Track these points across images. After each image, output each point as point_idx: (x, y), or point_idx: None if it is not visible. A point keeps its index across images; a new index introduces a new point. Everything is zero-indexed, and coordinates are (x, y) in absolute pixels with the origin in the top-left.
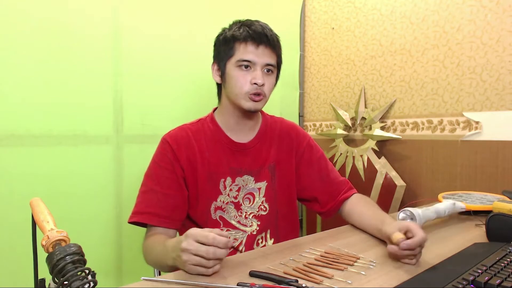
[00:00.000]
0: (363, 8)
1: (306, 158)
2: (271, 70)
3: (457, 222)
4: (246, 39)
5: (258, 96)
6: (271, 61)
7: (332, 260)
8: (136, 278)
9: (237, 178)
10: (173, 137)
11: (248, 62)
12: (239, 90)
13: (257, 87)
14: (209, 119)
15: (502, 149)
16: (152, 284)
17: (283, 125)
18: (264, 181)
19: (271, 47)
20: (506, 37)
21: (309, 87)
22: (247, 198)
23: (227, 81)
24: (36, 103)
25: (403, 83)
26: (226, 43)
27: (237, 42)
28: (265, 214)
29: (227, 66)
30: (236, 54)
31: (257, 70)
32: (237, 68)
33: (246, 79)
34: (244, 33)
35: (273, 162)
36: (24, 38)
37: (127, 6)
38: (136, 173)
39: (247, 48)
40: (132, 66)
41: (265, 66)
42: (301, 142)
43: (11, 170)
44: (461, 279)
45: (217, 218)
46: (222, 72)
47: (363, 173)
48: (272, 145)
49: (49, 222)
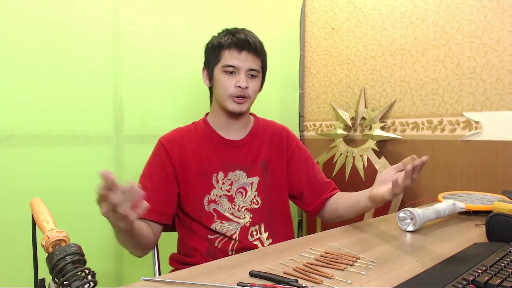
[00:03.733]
0: (363, 8)
1: (295, 158)
2: (255, 74)
3: (457, 222)
4: (230, 46)
5: (242, 98)
6: (254, 66)
7: (332, 260)
8: (136, 278)
9: (229, 173)
10: (166, 139)
11: (233, 67)
12: (224, 92)
13: (240, 90)
14: (202, 122)
15: (502, 149)
16: (151, 284)
17: (274, 126)
18: (256, 176)
19: (254, 52)
20: (506, 37)
21: (309, 87)
22: (239, 192)
23: (214, 85)
24: (36, 103)
25: (403, 83)
26: (213, 50)
27: (222, 49)
28: (257, 208)
29: (215, 71)
30: (222, 60)
31: (241, 74)
32: (223, 73)
33: (230, 82)
34: (229, 41)
35: (264, 159)
36: (24, 38)
37: (127, 6)
38: (136, 173)
39: (231, 54)
40: (132, 66)
41: (249, 71)
42: (291, 142)
43: (11, 170)
44: (461, 279)
45: (211, 210)
46: (210, 77)
47: (363, 173)
48: (263, 143)
49: (49, 222)
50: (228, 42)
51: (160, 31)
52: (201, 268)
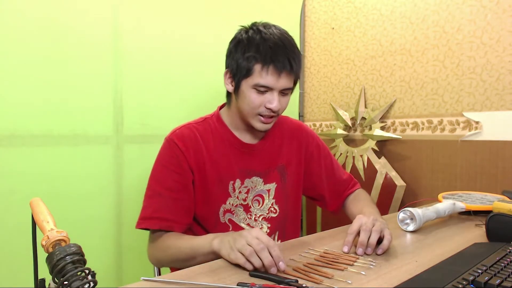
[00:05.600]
0: (363, 8)
1: (315, 158)
2: (287, 92)
3: (457, 222)
4: (268, 65)
5: (270, 118)
6: (290, 85)
7: (332, 260)
8: (136, 278)
9: (246, 180)
10: (180, 137)
11: (266, 88)
12: (251, 110)
13: (271, 111)
14: (216, 118)
15: (502, 149)
16: (151, 284)
17: (291, 125)
18: (273, 182)
19: (293, 74)
20: (506, 37)
21: (309, 87)
22: (256, 200)
23: (240, 96)
24: (36, 103)
25: (403, 83)
26: (245, 60)
27: (257, 64)
28: (275, 216)
29: (242, 83)
30: (254, 76)
31: (274, 95)
32: (253, 90)
33: (260, 101)
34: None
35: (282, 163)
36: (24, 38)
37: (127, 6)
38: (136, 173)
39: (266, 74)
40: (132, 66)
41: (283, 90)
42: (311, 142)
43: (11, 170)
44: (461, 279)
45: (226, 221)
46: (236, 87)
47: (363, 173)
48: (281, 146)
49: (49, 222)
50: (266, 58)
51: (160, 31)
52: (201, 268)
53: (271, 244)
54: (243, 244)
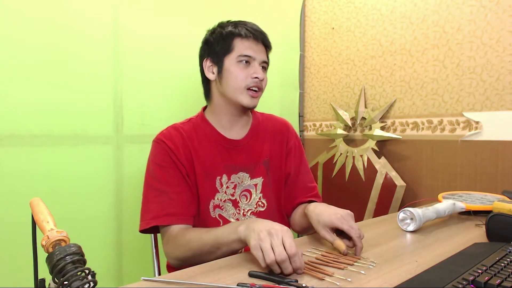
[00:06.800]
0: (363, 8)
1: (291, 155)
2: (266, 67)
3: (457, 222)
4: (247, 36)
5: (258, 91)
6: (266, 59)
7: (332, 260)
8: (136, 278)
9: (232, 176)
10: (167, 136)
11: (248, 57)
12: (239, 84)
13: (257, 81)
14: (200, 119)
15: (502, 149)
16: (151, 284)
17: (275, 122)
18: (260, 177)
19: (266, 45)
20: (506, 37)
21: (309, 87)
22: (243, 195)
23: (224, 76)
24: (36, 103)
25: (403, 83)
26: (224, 39)
27: (236, 39)
28: (263, 210)
29: (225, 61)
30: (236, 49)
31: (256, 66)
32: (237, 63)
33: (246, 73)
34: (244, 30)
35: (266, 158)
36: (24, 38)
37: (127, 6)
38: (136, 173)
39: (247, 44)
40: (132, 66)
41: (262, 63)
42: (291, 139)
43: (11, 170)
44: (461, 279)
45: (216, 216)
46: (219, 69)
47: (363, 173)
48: (265, 141)
49: (49, 222)
50: (244, 31)
51: (160, 32)
52: (201, 268)
53: (293, 252)
54: (268, 248)
